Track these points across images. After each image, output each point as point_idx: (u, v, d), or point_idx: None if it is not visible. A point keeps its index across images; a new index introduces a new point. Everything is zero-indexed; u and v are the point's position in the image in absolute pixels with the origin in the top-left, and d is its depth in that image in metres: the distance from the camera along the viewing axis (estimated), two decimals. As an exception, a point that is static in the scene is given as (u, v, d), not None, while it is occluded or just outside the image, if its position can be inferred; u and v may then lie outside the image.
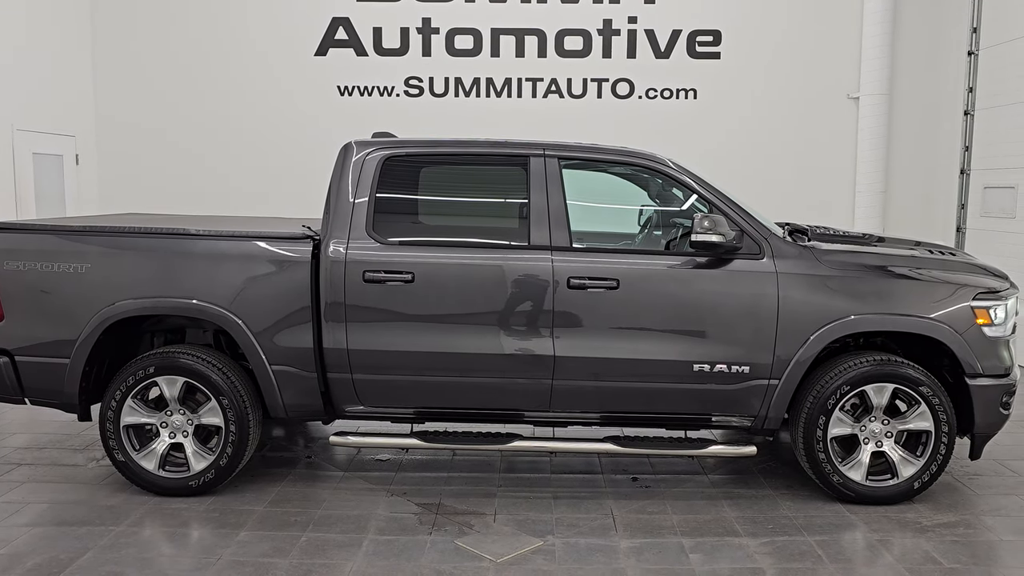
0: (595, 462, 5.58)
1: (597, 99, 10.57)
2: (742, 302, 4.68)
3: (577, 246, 4.77)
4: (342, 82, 10.58)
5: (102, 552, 4.13)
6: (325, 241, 4.75)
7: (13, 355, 4.84)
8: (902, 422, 4.78)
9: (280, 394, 4.82)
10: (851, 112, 10.45)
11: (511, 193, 5.02)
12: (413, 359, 4.74)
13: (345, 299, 4.69)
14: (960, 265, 4.99)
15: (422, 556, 4.13)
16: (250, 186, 10.57)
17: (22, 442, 5.88)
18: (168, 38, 10.65)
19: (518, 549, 4.23)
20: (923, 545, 4.32)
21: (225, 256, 4.78)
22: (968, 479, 5.29)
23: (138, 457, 4.81)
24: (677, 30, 10.48)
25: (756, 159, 10.49)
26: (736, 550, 4.25)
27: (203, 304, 4.73)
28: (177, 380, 4.77)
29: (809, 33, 10.50)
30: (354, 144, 4.97)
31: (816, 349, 4.68)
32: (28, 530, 4.39)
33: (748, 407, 4.79)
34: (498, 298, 4.71)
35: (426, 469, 5.43)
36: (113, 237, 4.84)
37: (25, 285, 4.78)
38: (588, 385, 4.78)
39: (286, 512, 4.66)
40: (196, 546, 4.26)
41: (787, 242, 4.83)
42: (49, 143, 9.69)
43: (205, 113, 10.71)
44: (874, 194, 10.32)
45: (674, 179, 4.93)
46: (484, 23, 10.47)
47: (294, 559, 4.08)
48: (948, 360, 4.83)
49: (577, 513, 4.71)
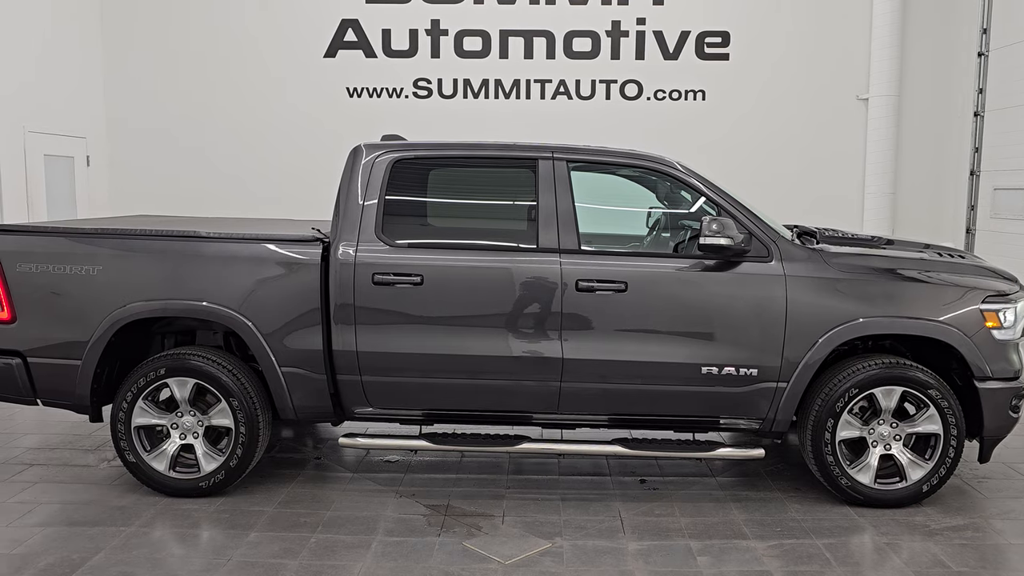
0: (603, 464, 5.59)
1: (606, 100, 10.58)
2: (750, 305, 4.68)
3: (586, 248, 4.78)
4: (351, 84, 10.63)
5: (114, 552, 4.16)
6: (335, 244, 4.78)
7: (26, 356, 4.87)
8: (911, 425, 4.77)
9: (290, 396, 4.85)
10: (860, 113, 10.43)
11: (519, 196, 5.03)
12: (422, 361, 4.75)
13: (354, 301, 4.72)
14: (969, 268, 4.97)
15: (431, 557, 4.15)
16: (259, 187, 10.62)
17: (33, 443, 5.92)
18: (178, 40, 10.71)
19: (526, 551, 4.24)
20: (932, 548, 4.32)
21: (235, 258, 4.80)
22: (977, 482, 5.28)
23: (149, 458, 4.84)
24: (686, 31, 10.48)
25: (764, 160, 10.48)
26: (744, 553, 4.25)
27: (213, 306, 4.76)
28: (188, 381, 4.80)
29: (818, 34, 10.48)
30: (363, 147, 4.99)
31: (824, 352, 4.68)
32: (41, 530, 4.42)
33: (756, 410, 4.79)
34: (507, 300, 4.72)
35: (434, 471, 5.44)
36: (124, 239, 4.87)
37: (37, 287, 4.82)
38: (596, 387, 4.79)
39: (296, 513, 4.69)
40: (207, 547, 4.29)
41: (795, 245, 4.83)
42: (60, 145, 9.76)
43: (215, 115, 10.76)
44: (883, 195, 10.28)
45: (682, 182, 4.94)
46: (493, 25, 10.49)
47: (304, 560, 4.10)
48: (957, 363, 4.81)
49: (585, 515, 4.72)
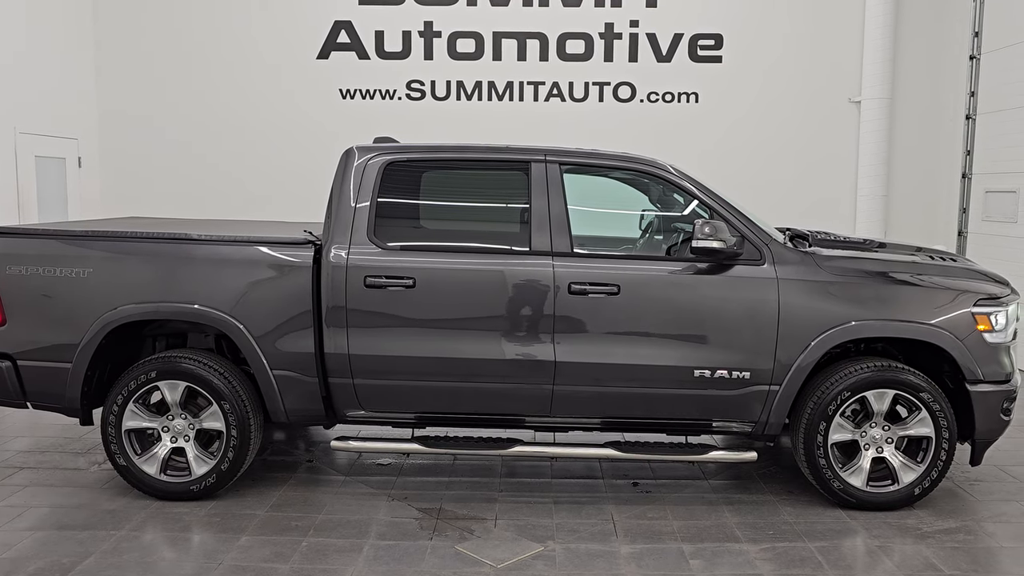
0: (596, 467, 5.58)
1: (599, 103, 10.57)
2: (743, 308, 4.69)
3: (578, 251, 4.78)
4: (344, 85, 10.59)
5: (104, 556, 4.14)
6: (327, 246, 4.76)
7: (15, 359, 4.85)
8: (903, 428, 4.78)
9: (281, 399, 4.83)
10: (852, 116, 10.45)
11: (512, 198, 5.02)
12: (414, 364, 4.74)
13: (346, 304, 4.70)
14: (961, 271, 4.99)
15: (423, 561, 4.14)
16: (252, 188, 10.58)
17: (23, 446, 5.89)
18: (170, 41, 10.67)
19: (519, 554, 4.24)
20: (923, 551, 4.33)
21: (227, 261, 4.79)
22: (969, 485, 5.29)
23: (140, 461, 4.82)
24: (679, 34, 10.48)
25: (757, 163, 10.49)
26: (736, 556, 4.25)
27: (204, 309, 4.75)
28: (179, 384, 4.78)
29: (810, 36, 10.50)
30: (356, 149, 4.97)
31: (817, 355, 4.69)
32: (31, 534, 4.40)
33: (749, 412, 4.79)
34: (499, 303, 4.72)
35: (427, 474, 5.43)
36: (115, 242, 4.85)
37: (28, 289, 4.79)
38: (589, 390, 4.78)
39: (287, 517, 4.67)
40: (198, 551, 4.27)
41: (788, 248, 4.84)
42: (52, 146, 9.70)
43: (207, 115, 10.72)
44: (875, 198, 10.31)
45: (675, 184, 4.94)
46: (486, 27, 10.47)
47: (295, 564, 4.08)
48: (949, 366, 4.83)
49: (578, 518, 4.71)
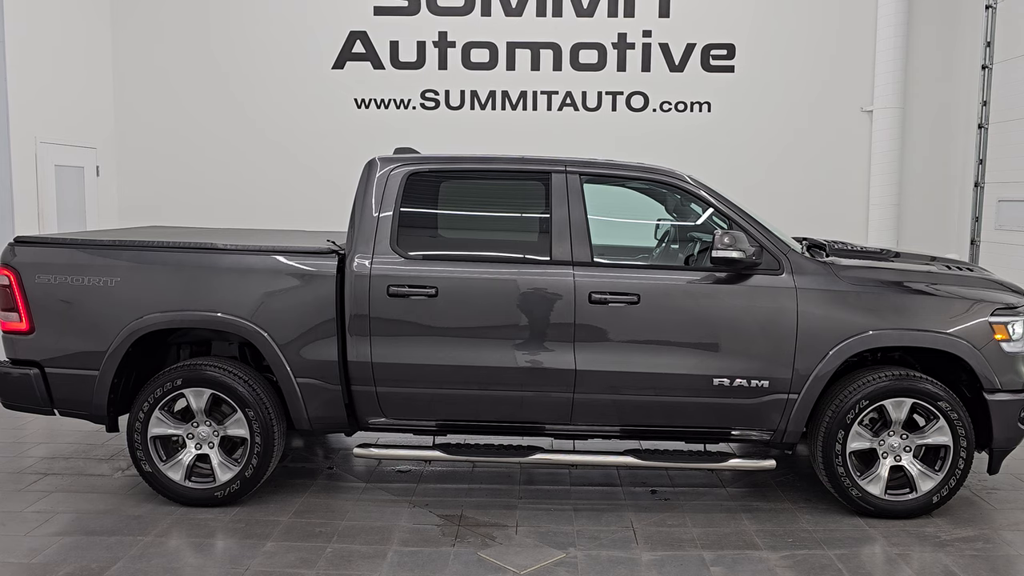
0: (614, 474, 5.62)
1: (612, 112, 10.64)
2: (761, 317, 4.73)
3: (598, 261, 4.82)
4: (359, 95, 10.69)
5: (131, 562, 4.19)
6: (350, 256, 4.83)
7: (43, 367, 4.92)
8: (920, 437, 4.81)
9: (305, 406, 4.89)
10: (864, 125, 10.49)
11: (533, 208, 5.08)
12: (436, 372, 4.80)
13: (369, 313, 4.76)
14: (977, 281, 5.02)
15: (446, 568, 4.18)
16: (267, 197, 10.68)
17: (45, 452, 5.96)
18: (187, 51, 10.79)
19: (541, 561, 4.28)
20: (942, 559, 4.35)
21: (252, 270, 4.85)
22: (986, 493, 5.31)
23: (165, 468, 4.88)
24: (691, 44, 10.55)
25: (770, 172, 10.54)
26: (757, 563, 4.29)
27: (228, 317, 4.81)
28: (204, 392, 4.85)
29: (823, 46, 10.55)
30: (378, 160, 5.04)
31: (835, 364, 4.72)
32: (58, 539, 4.46)
33: (767, 421, 4.83)
34: (520, 312, 4.77)
35: (446, 480, 5.48)
36: (142, 251, 4.92)
37: (56, 298, 4.87)
38: (609, 399, 4.83)
39: (310, 523, 4.73)
40: (223, 557, 4.32)
41: (806, 258, 4.88)
42: (70, 155, 9.81)
43: (224, 125, 10.83)
44: (887, 207, 10.33)
45: (693, 194, 4.99)
46: (500, 37, 10.56)
47: (321, 570, 4.13)
48: (966, 375, 4.86)
49: (598, 525, 4.75)
